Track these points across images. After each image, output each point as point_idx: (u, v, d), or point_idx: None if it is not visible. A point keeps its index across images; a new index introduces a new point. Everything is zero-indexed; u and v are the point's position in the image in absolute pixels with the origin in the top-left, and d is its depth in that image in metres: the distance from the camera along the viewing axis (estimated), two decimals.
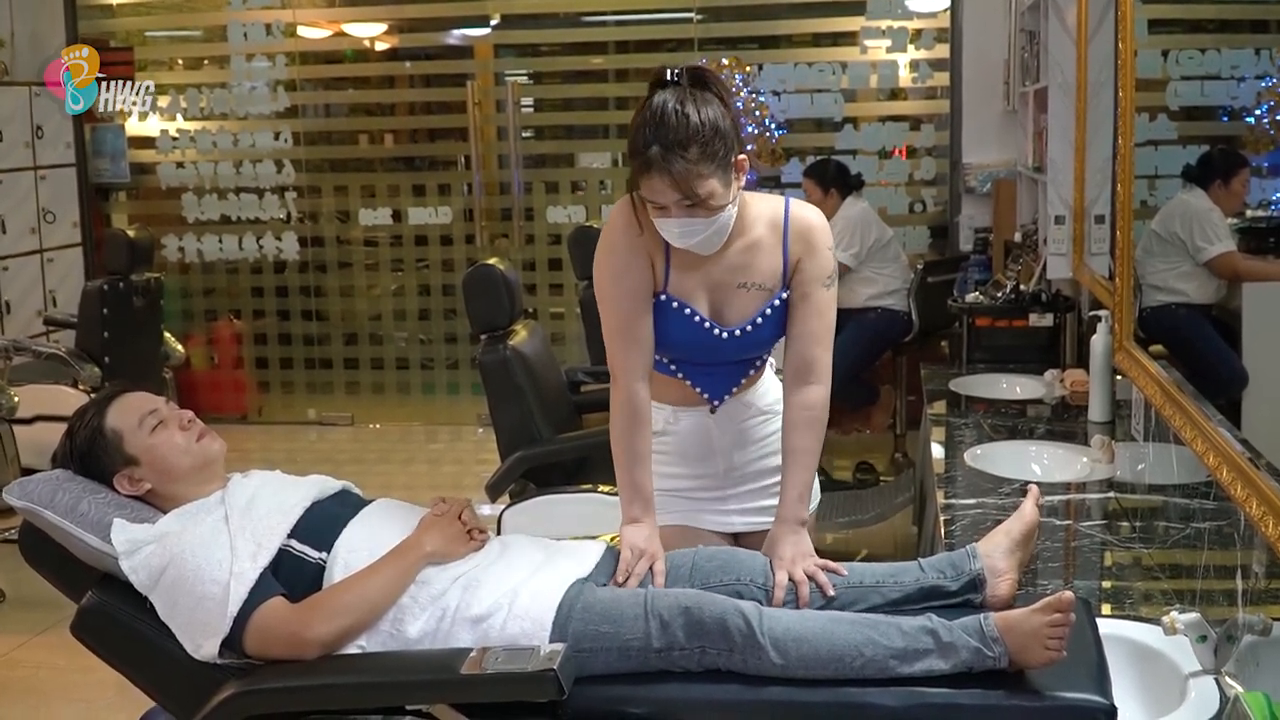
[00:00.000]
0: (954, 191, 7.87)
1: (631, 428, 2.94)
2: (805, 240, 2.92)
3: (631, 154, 2.74)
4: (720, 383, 3.04)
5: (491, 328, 4.79)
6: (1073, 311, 5.43)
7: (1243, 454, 2.58)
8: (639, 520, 2.90)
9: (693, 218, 2.74)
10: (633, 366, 2.92)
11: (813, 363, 2.93)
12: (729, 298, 2.93)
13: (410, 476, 7.84)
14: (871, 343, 6.82)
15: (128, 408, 2.93)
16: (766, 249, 2.91)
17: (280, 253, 8.97)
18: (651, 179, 2.70)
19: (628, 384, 2.93)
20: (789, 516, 2.87)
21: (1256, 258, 3.62)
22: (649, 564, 2.78)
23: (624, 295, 2.91)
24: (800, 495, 2.90)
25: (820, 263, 2.92)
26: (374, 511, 2.87)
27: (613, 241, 2.93)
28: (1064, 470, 3.97)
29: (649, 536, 2.86)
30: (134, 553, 2.69)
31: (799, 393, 2.93)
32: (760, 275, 2.92)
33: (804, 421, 2.93)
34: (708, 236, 2.79)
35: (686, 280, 2.91)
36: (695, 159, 2.67)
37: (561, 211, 8.58)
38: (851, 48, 8.09)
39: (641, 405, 2.94)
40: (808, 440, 2.93)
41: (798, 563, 2.75)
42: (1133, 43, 3.78)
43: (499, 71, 8.77)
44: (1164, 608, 2.65)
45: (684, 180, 2.68)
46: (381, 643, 2.64)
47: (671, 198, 2.71)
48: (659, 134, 2.67)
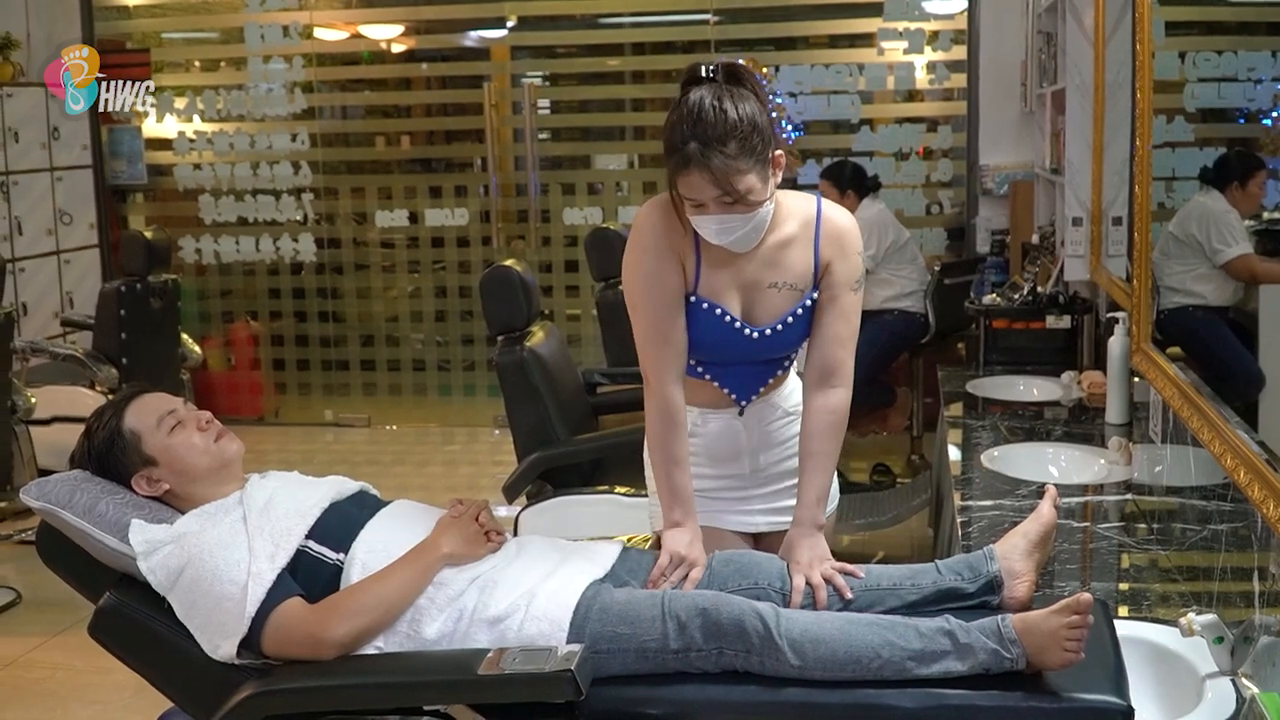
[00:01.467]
0: (971, 193, 7.86)
1: (667, 432, 2.93)
2: (838, 243, 2.92)
3: (668, 151, 2.73)
4: (748, 383, 3.03)
5: (508, 329, 4.80)
6: (1090, 313, 5.42)
7: (1260, 455, 2.57)
8: (681, 524, 2.90)
9: (731, 214, 2.74)
10: (666, 370, 2.91)
11: (836, 366, 2.93)
12: (759, 297, 2.92)
13: (427, 478, 7.84)
14: (888, 344, 6.81)
15: (146, 408, 2.94)
16: (798, 248, 2.91)
17: (297, 254, 8.99)
18: (690, 175, 2.70)
19: (661, 387, 2.92)
20: (806, 520, 2.87)
21: (1273, 260, 3.61)
22: (686, 572, 2.78)
23: (656, 299, 2.90)
24: (819, 499, 2.90)
25: (850, 266, 2.93)
26: (392, 513, 2.88)
27: (642, 244, 2.91)
28: (1081, 472, 3.96)
29: (690, 542, 2.85)
30: (152, 553, 2.70)
31: (821, 395, 2.93)
32: (791, 275, 2.91)
33: (825, 425, 2.93)
34: (745, 233, 2.78)
35: (717, 280, 2.90)
36: (734, 154, 2.67)
37: (578, 213, 8.58)
38: (868, 49, 8.08)
39: (676, 409, 2.93)
40: (827, 444, 2.93)
41: (814, 566, 2.75)
42: (1150, 44, 3.77)
43: (516, 73, 8.77)
44: (1181, 609, 2.65)
45: (723, 176, 2.67)
46: (399, 643, 2.64)
47: (710, 194, 2.70)
48: (697, 130, 2.67)
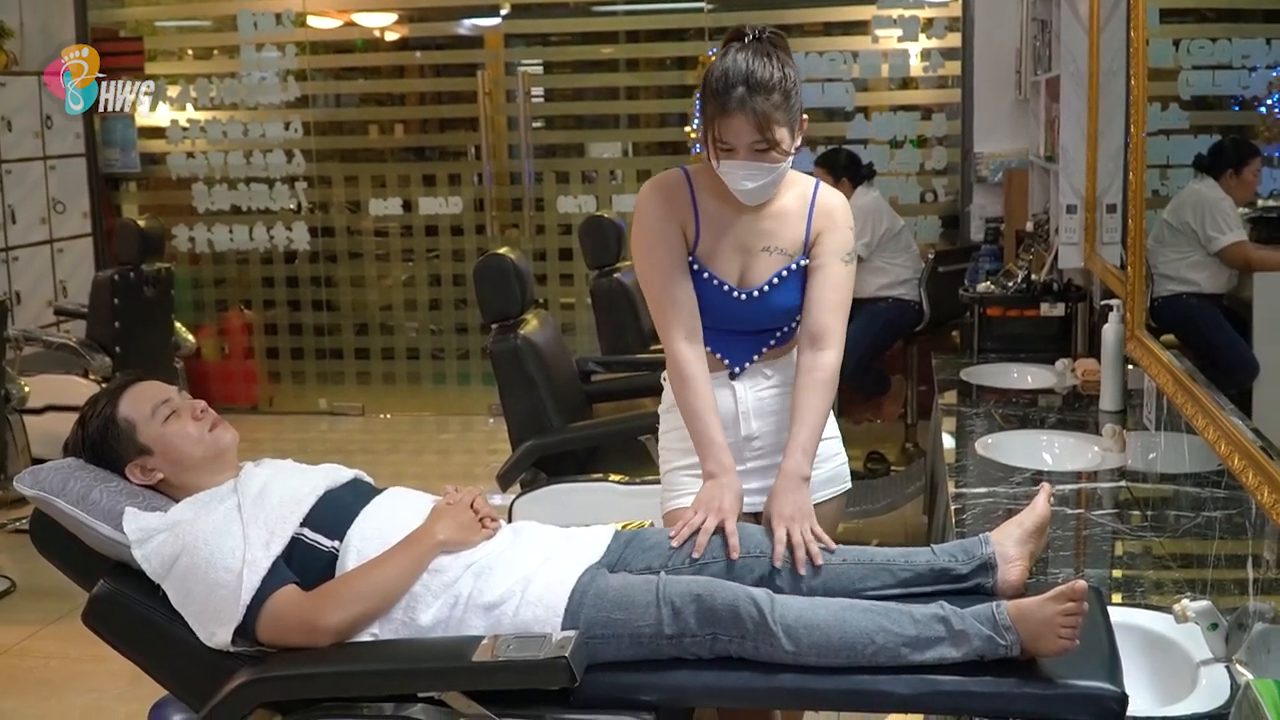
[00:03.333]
0: (965, 181, 7.85)
1: (681, 387, 3.03)
2: (829, 215, 3.08)
3: (713, 94, 2.88)
4: (741, 349, 3.12)
5: (502, 317, 4.79)
6: (1084, 301, 5.42)
7: (1254, 442, 2.57)
8: (713, 475, 2.95)
9: (759, 162, 2.90)
10: (675, 328, 3.04)
11: (825, 328, 3.03)
12: (753, 261, 3.06)
13: (421, 466, 7.83)
14: (882, 332, 6.81)
15: (140, 397, 2.94)
16: (792, 218, 3.07)
17: (291, 243, 8.97)
18: (732, 118, 2.86)
19: (673, 346, 3.04)
20: (792, 470, 2.93)
21: (1268, 247, 3.61)
22: (714, 522, 2.81)
23: (661, 261, 3.05)
24: (805, 451, 2.96)
25: (840, 238, 3.07)
26: (386, 500, 2.88)
27: (645, 215, 3.09)
28: (1075, 459, 3.97)
29: (719, 494, 2.89)
30: (146, 541, 2.70)
31: (812, 355, 3.03)
32: (783, 241, 3.05)
33: (812, 382, 3.01)
34: (766, 184, 2.95)
35: (715, 245, 3.06)
36: (778, 104, 2.86)
37: (572, 201, 8.57)
38: (863, 36, 8.07)
39: (686, 363, 3.02)
40: (815, 399, 3.00)
41: (796, 521, 2.80)
42: (1145, 32, 3.77)
43: (509, 61, 8.75)
44: (1175, 596, 2.65)
45: (765, 121, 2.85)
46: (394, 630, 2.65)
47: (748, 139, 2.87)
48: (748, 78, 2.84)
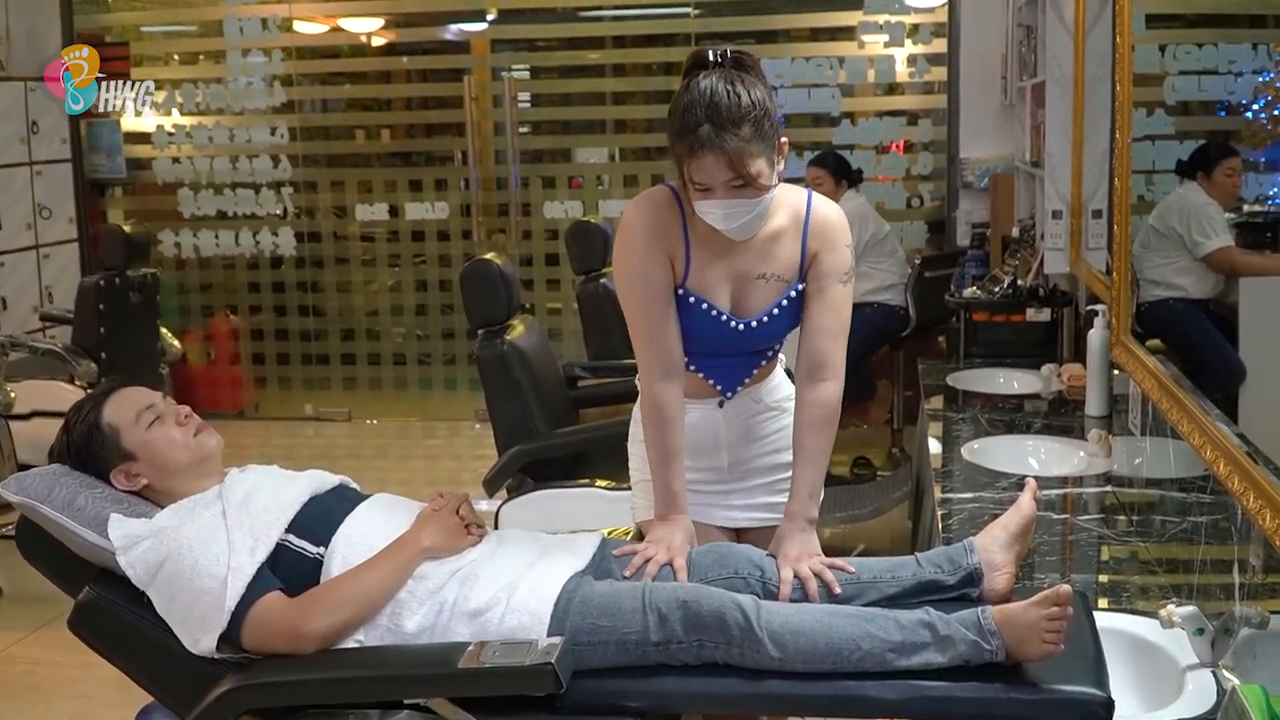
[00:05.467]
0: (951, 186, 7.86)
1: (654, 427, 2.94)
2: (824, 235, 2.91)
3: (680, 134, 2.71)
4: (732, 374, 3.03)
5: (489, 323, 4.79)
6: (1070, 306, 5.43)
7: (1240, 448, 2.58)
8: (665, 519, 2.91)
9: (738, 199, 2.74)
10: (652, 367, 2.92)
11: (826, 359, 2.92)
12: (748, 289, 2.92)
13: (408, 472, 7.83)
14: (868, 337, 6.80)
15: (124, 403, 2.93)
16: (787, 239, 2.91)
17: (277, 248, 8.96)
18: (703, 158, 2.69)
19: (648, 384, 2.93)
20: (798, 513, 2.87)
21: (1253, 252, 3.62)
22: (664, 558, 2.77)
23: (643, 297, 2.91)
24: (810, 493, 2.90)
25: (837, 258, 2.92)
26: (371, 506, 2.87)
27: (629, 242, 2.92)
28: (1061, 464, 3.97)
29: (670, 533, 2.85)
30: (131, 547, 2.69)
31: (812, 390, 2.93)
32: (779, 266, 2.91)
33: (816, 420, 2.92)
34: (750, 219, 2.78)
35: (707, 273, 2.91)
36: (748, 137, 2.68)
37: (559, 207, 8.57)
38: (849, 42, 8.08)
39: (664, 404, 2.92)
40: (820, 439, 2.92)
41: (803, 561, 2.75)
42: (1130, 37, 3.78)
43: (496, 66, 8.75)
44: (1161, 601, 2.65)
45: (737, 158, 2.67)
46: (379, 637, 2.64)
47: (722, 177, 2.70)
48: (711, 113, 2.67)
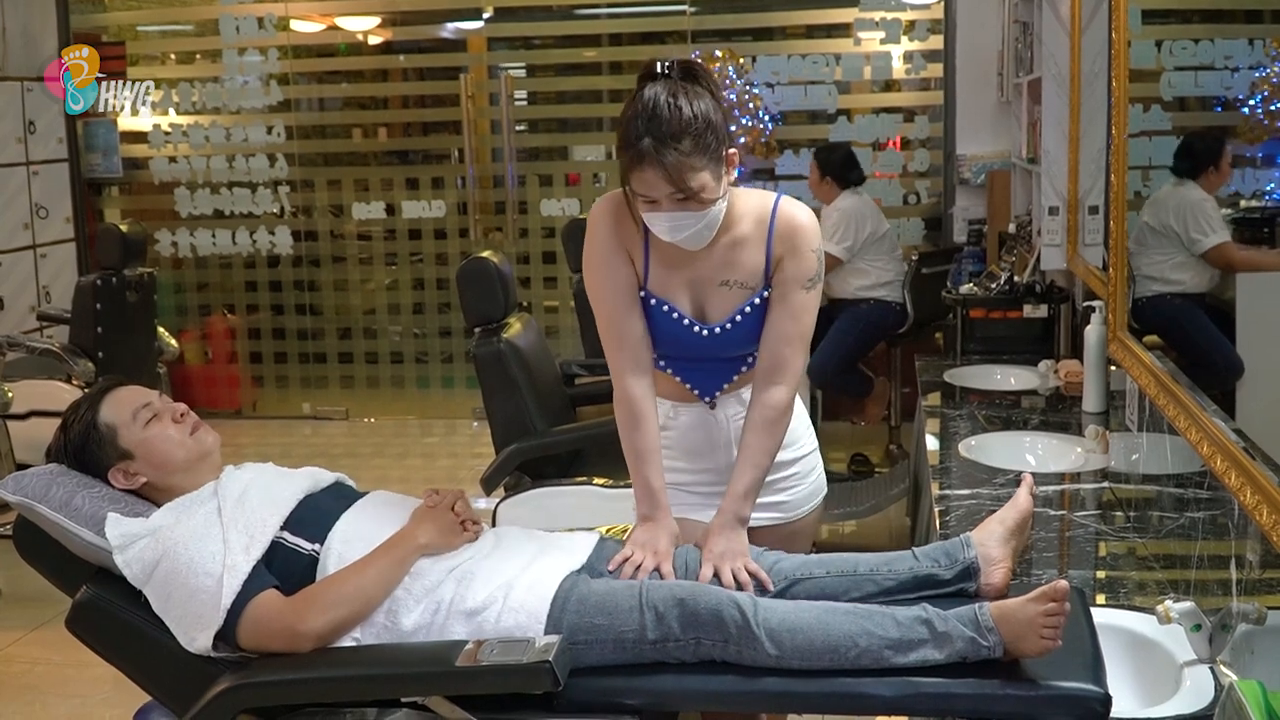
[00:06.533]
0: (948, 183, 7.86)
1: (627, 425, 2.94)
2: (789, 240, 2.88)
3: (622, 147, 2.71)
4: (709, 379, 3.02)
5: (486, 321, 4.79)
6: (1067, 302, 5.43)
7: (1237, 443, 2.58)
8: (649, 518, 2.90)
9: (683, 211, 2.73)
10: (620, 364, 2.93)
11: (782, 364, 2.90)
12: (710, 295, 2.92)
13: (405, 470, 7.84)
14: (864, 333, 6.81)
15: (122, 402, 2.93)
16: (750, 246, 2.89)
17: (274, 247, 8.97)
18: (643, 171, 2.68)
19: (619, 381, 2.94)
20: (729, 510, 2.87)
21: (1251, 248, 3.62)
22: (651, 564, 2.77)
23: (608, 294, 2.93)
24: (746, 493, 2.89)
25: (802, 265, 2.89)
26: (368, 504, 2.88)
27: (592, 239, 2.95)
28: (1058, 461, 3.97)
29: (655, 538, 2.84)
30: (128, 547, 2.69)
31: (763, 392, 2.91)
32: (743, 273, 2.90)
33: (763, 421, 2.90)
34: (697, 231, 2.77)
35: (667, 278, 2.91)
36: (688, 151, 2.66)
37: (555, 204, 8.57)
38: (845, 39, 8.08)
39: (635, 401, 2.92)
40: (765, 440, 2.91)
41: (726, 560, 2.76)
42: (1126, 33, 3.77)
43: (492, 64, 8.77)
44: (1158, 597, 2.65)
45: (677, 173, 2.66)
46: (376, 635, 2.64)
47: (664, 191, 2.69)
48: (651, 126, 2.66)
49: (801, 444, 3.13)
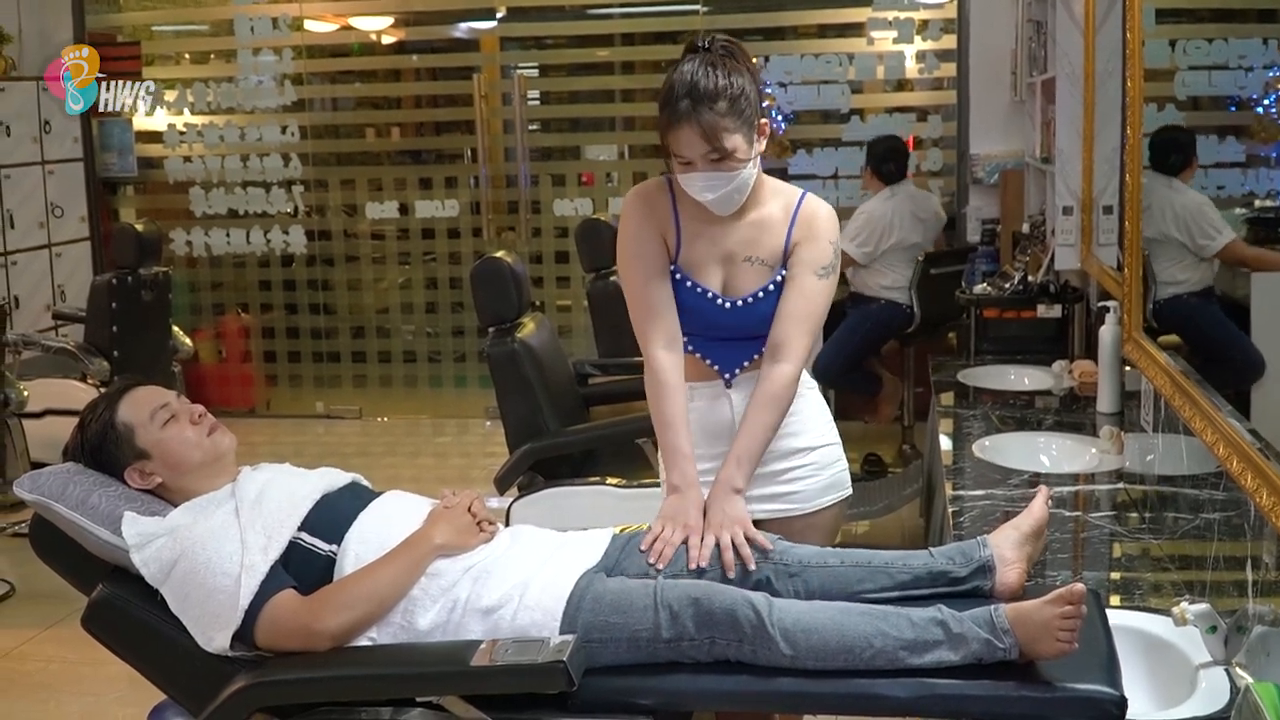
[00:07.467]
0: (961, 182, 7.85)
1: (656, 394, 3.02)
2: (808, 227, 3.03)
3: (662, 108, 2.89)
4: (730, 356, 3.09)
5: (499, 320, 4.79)
6: (1081, 302, 5.43)
7: (1253, 444, 2.57)
8: (678, 489, 2.93)
9: (717, 171, 2.88)
10: (651, 334, 3.03)
11: (787, 341, 2.99)
12: (735, 271, 3.04)
13: (418, 469, 7.84)
14: (871, 332, 6.80)
15: (139, 402, 2.94)
16: (774, 227, 3.04)
17: (288, 246, 8.98)
18: (680, 130, 2.85)
19: (648, 352, 3.03)
20: (724, 479, 2.92)
21: (1264, 247, 3.61)
22: (680, 537, 2.79)
23: (640, 267, 3.05)
24: (739, 461, 2.93)
25: (817, 250, 3.02)
26: (384, 504, 2.88)
27: (626, 224, 3.09)
28: (1073, 461, 3.97)
29: (684, 509, 2.87)
30: (145, 545, 2.70)
31: (769, 368, 3.00)
32: (764, 251, 3.03)
33: (767, 395, 2.98)
34: (728, 192, 2.93)
35: (697, 252, 3.04)
36: (724, 112, 2.83)
37: (568, 204, 8.58)
38: (858, 39, 8.08)
39: (662, 370, 3.01)
40: (763, 414, 2.97)
41: (724, 528, 2.79)
42: (1140, 32, 3.76)
43: (505, 64, 8.76)
44: (1174, 599, 2.65)
45: (712, 131, 2.83)
46: (392, 635, 2.65)
47: (699, 150, 2.85)
48: (691, 90, 2.83)
49: (815, 434, 3.16)
